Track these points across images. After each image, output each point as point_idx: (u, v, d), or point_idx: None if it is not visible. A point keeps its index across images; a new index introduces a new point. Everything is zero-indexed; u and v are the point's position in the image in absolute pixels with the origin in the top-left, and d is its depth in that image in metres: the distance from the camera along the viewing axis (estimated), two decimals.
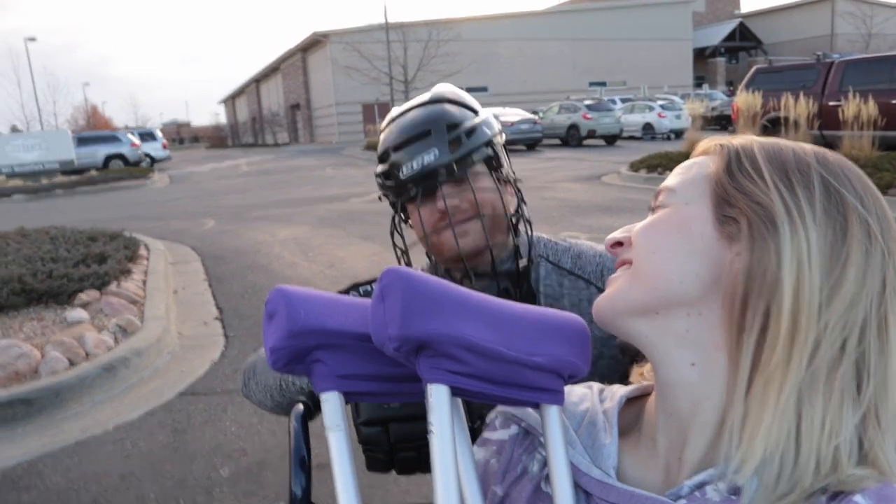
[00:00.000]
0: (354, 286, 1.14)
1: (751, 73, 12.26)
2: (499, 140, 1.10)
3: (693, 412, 0.55)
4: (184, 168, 25.75)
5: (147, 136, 28.91)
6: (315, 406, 1.04)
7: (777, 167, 0.53)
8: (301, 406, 1.04)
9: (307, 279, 5.89)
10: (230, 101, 74.02)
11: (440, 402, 0.50)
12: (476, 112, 1.10)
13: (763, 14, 51.34)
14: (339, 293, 1.02)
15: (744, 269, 0.51)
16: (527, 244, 1.12)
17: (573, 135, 21.19)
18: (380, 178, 1.11)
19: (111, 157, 24.18)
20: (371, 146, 24.22)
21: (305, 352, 0.54)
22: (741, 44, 49.06)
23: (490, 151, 1.07)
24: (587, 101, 22.27)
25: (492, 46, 38.36)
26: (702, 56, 47.33)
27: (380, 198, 1.16)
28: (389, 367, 0.56)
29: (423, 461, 1.06)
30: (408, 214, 1.13)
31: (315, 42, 39.33)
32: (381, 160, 1.10)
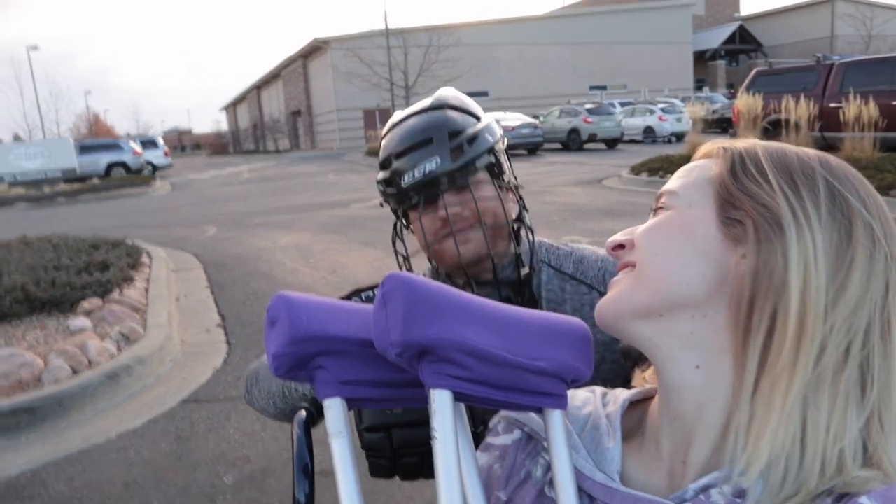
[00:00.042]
0: (356, 292, 1.13)
1: (751, 76, 12.26)
2: (500, 146, 1.10)
3: (697, 415, 0.55)
4: (185, 175, 25.80)
5: (149, 144, 28.89)
6: (318, 412, 1.04)
7: (782, 170, 0.53)
8: (304, 412, 1.04)
9: (309, 285, 5.89)
10: (231, 108, 74.24)
11: (443, 408, 0.50)
12: (478, 118, 1.09)
13: (763, 16, 51.41)
14: (341, 299, 1.02)
15: (750, 271, 0.51)
16: (528, 252, 1.12)
17: (574, 139, 21.22)
18: (381, 185, 1.11)
19: (113, 165, 24.21)
20: (372, 152, 24.26)
21: (308, 358, 0.54)
22: (741, 46, 49.14)
23: (492, 158, 1.07)
24: (588, 105, 22.31)
25: (492, 51, 38.43)
26: (702, 59, 47.40)
27: (381, 204, 1.16)
28: (392, 373, 0.56)
29: (427, 467, 1.05)
30: (409, 221, 1.13)
31: (316, 48, 39.45)
32: (383, 167, 1.10)
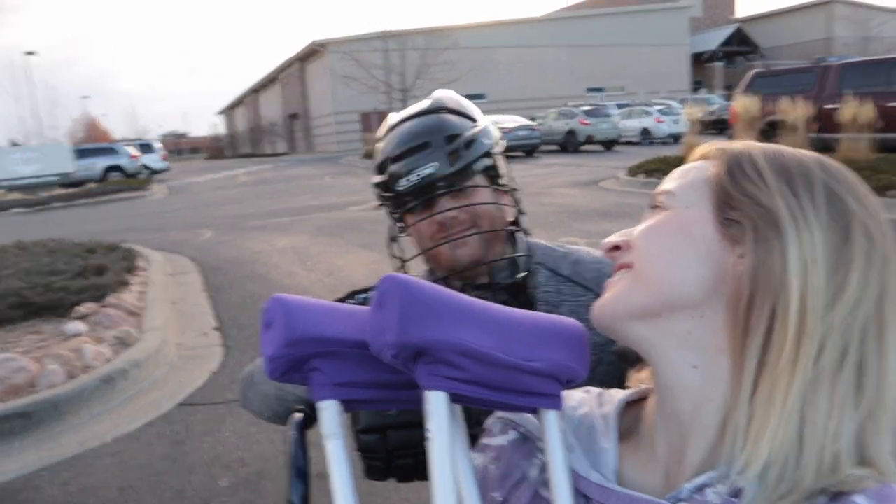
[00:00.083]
0: (352, 294, 1.13)
1: (749, 78, 12.30)
2: (498, 149, 1.09)
3: (694, 415, 0.55)
4: (182, 179, 25.77)
5: (146, 148, 28.92)
6: (313, 414, 1.04)
7: (779, 171, 0.54)
8: (299, 415, 1.03)
9: (306, 288, 5.89)
10: (229, 112, 74.22)
11: (438, 409, 0.50)
12: (475, 121, 1.09)
13: (760, 18, 51.58)
14: (337, 301, 1.02)
15: (748, 271, 0.51)
16: (525, 255, 1.12)
17: (571, 140, 21.24)
18: (378, 189, 1.10)
19: (110, 169, 24.19)
20: (369, 155, 24.23)
21: (303, 360, 0.54)
22: (739, 48, 49.25)
23: (489, 161, 1.06)
24: (585, 107, 22.34)
25: (489, 54, 38.47)
26: (699, 61, 47.50)
27: (378, 207, 1.15)
28: (387, 375, 0.56)
29: (422, 468, 1.05)
30: (406, 224, 1.13)
31: (313, 52, 39.47)
32: (380, 170, 1.10)
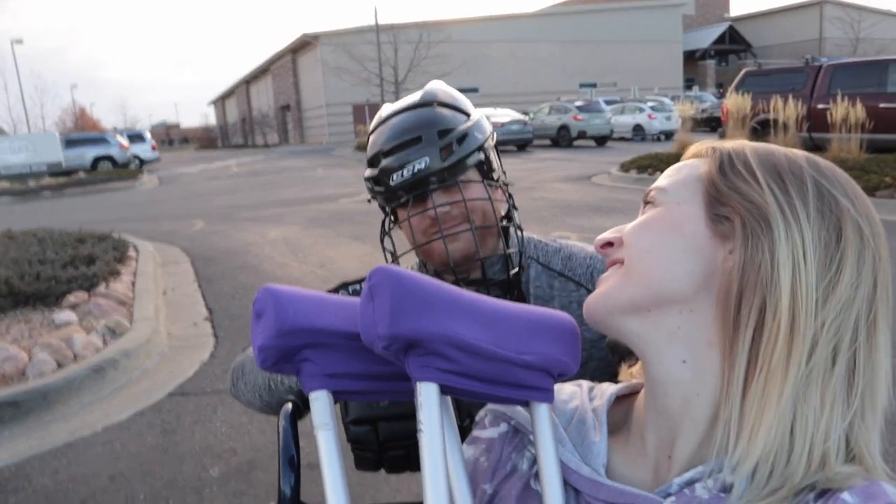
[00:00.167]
0: (343, 285, 1.13)
1: (740, 76, 12.33)
2: (490, 143, 1.09)
3: (684, 409, 0.55)
4: (173, 169, 25.62)
5: (136, 138, 28.70)
6: (304, 405, 1.04)
7: (769, 168, 0.54)
8: (290, 405, 1.03)
9: (297, 279, 5.88)
10: (220, 103, 73.75)
11: (429, 401, 0.50)
12: (468, 114, 1.08)
13: (752, 17, 51.70)
14: (328, 292, 1.02)
15: (737, 267, 0.51)
16: (518, 250, 1.11)
17: (563, 136, 21.26)
18: (370, 183, 1.09)
19: (99, 159, 24.00)
20: (361, 147, 24.20)
21: (294, 351, 0.54)
22: (731, 47, 49.40)
23: (481, 156, 1.06)
24: (577, 103, 22.34)
25: (482, 48, 38.39)
26: (692, 58, 47.61)
27: (369, 200, 1.15)
28: (378, 366, 0.56)
29: (413, 460, 1.05)
30: (398, 219, 1.12)
31: (305, 43, 39.26)
32: (371, 164, 1.09)
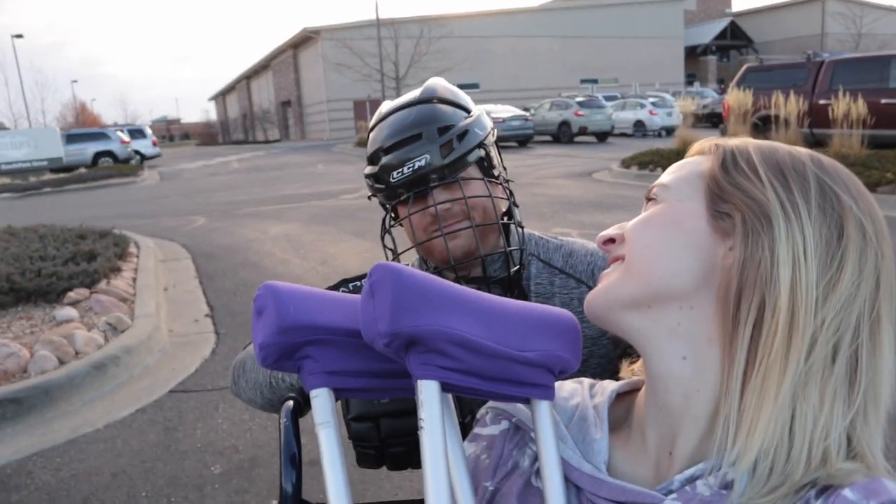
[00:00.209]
0: (344, 282, 1.13)
1: (742, 72, 12.30)
2: (491, 139, 1.08)
3: (684, 406, 0.55)
4: (174, 165, 25.62)
5: (137, 134, 28.62)
6: (305, 402, 1.04)
7: (772, 166, 0.54)
8: (291, 402, 1.03)
9: (299, 276, 5.88)
10: (221, 98, 73.75)
11: (430, 398, 0.50)
12: (468, 111, 1.07)
13: (754, 13, 51.60)
14: (328, 289, 1.02)
15: (737, 263, 0.51)
16: (519, 248, 1.11)
17: (564, 131, 21.23)
18: (370, 180, 1.09)
19: (100, 155, 23.96)
20: (362, 143, 24.16)
21: (295, 348, 0.54)
22: (732, 42, 49.30)
23: (482, 153, 1.06)
24: (579, 98, 22.31)
25: (484, 43, 38.33)
26: (693, 54, 47.51)
27: (369, 197, 1.14)
28: (379, 363, 0.56)
29: (414, 456, 1.05)
30: (398, 216, 1.11)
31: (306, 39, 39.21)
32: (371, 161, 1.08)
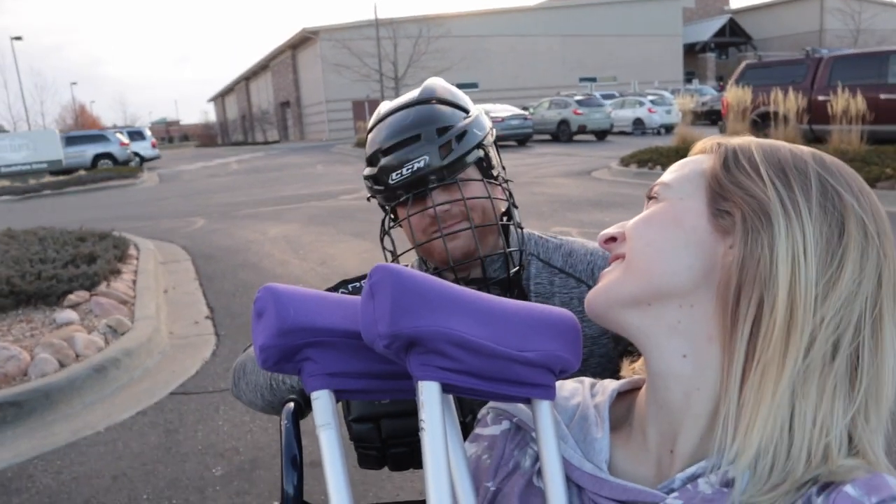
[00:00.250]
0: (343, 283, 1.13)
1: (741, 69, 12.30)
2: (489, 139, 1.08)
3: (685, 404, 0.55)
4: (173, 167, 25.61)
5: (136, 135, 28.65)
6: (306, 404, 1.04)
7: (773, 164, 0.54)
8: (292, 404, 1.03)
9: (298, 277, 5.88)
10: (220, 100, 73.72)
11: (431, 399, 0.50)
12: (467, 111, 1.07)
13: (753, 10, 51.58)
14: (328, 290, 1.02)
15: (737, 261, 0.51)
16: (518, 249, 1.11)
17: (563, 130, 21.22)
18: (369, 182, 1.09)
19: (100, 157, 23.98)
20: (361, 143, 24.17)
21: (295, 350, 0.54)
22: (731, 39, 49.30)
23: (481, 153, 1.06)
24: (578, 97, 22.31)
25: (482, 42, 38.34)
26: (692, 51, 47.52)
27: (369, 198, 1.14)
28: (380, 365, 0.56)
29: (415, 457, 1.05)
30: (397, 216, 1.11)
31: (305, 39, 39.20)
32: (370, 163, 1.08)
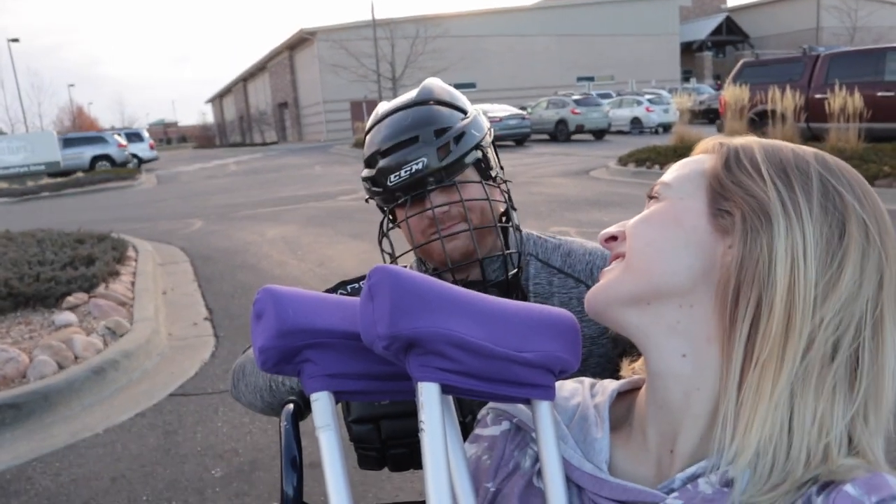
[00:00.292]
0: (342, 284, 1.13)
1: (738, 67, 12.31)
2: (488, 140, 1.08)
3: (684, 404, 0.55)
4: (171, 168, 25.59)
5: (134, 137, 28.64)
6: (306, 405, 1.03)
7: (775, 164, 0.54)
8: (291, 406, 1.03)
9: (296, 278, 5.87)
10: (217, 101, 73.64)
11: (430, 400, 0.49)
12: (465, 112, 1.07)
13: (749, 8, 51.64)
14: (327, 291, 1.02)
15: (735, 261, 0.51)
16: (516, 251, 1.10)
17: (561, 130, 21.22)
18: (367, 183, 1.09)
19: (98, 159, 23.96)
20: (359, 143, 24.17)
21: (294, 351, 0.54)
22: (728, 38, 49.34)
23: (479, 154, 1.05)
24: (575, 97, 22.31)
25: (480, 42, 38.33)
26: (689, 50, 47.54)
27: (367, 200, 1.14)
28: (379, 366, 0.56)
29: (415, 458, 1.05)
30: (396, 218, 1.11)
31: (302, 40, 39.18)
32: (368, 165, 1.08)
